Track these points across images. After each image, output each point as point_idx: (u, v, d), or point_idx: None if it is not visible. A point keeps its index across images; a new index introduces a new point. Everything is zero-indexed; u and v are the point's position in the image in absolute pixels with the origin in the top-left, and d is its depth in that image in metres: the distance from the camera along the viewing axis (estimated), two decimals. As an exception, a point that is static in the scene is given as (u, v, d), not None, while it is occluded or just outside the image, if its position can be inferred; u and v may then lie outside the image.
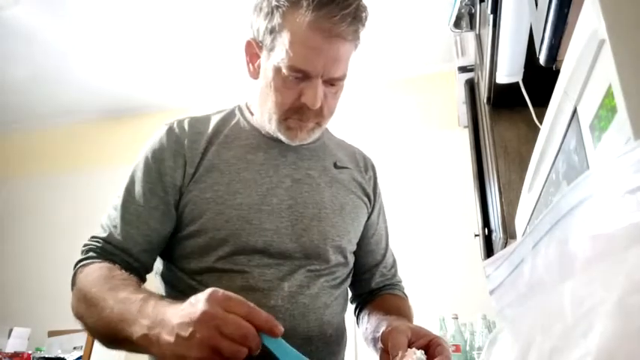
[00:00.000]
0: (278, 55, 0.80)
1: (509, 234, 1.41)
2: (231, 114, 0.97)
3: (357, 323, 1.01)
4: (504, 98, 1.51)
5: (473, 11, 1.90)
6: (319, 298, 0.85)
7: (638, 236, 0.25)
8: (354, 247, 0.97)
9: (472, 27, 1.96)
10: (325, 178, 0.94)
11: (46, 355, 2.86)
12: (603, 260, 0.28)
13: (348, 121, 3.18)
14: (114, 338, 0.67)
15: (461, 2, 1.93)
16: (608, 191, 0.29)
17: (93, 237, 0.86)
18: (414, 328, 0.72)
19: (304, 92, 0.81)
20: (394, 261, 1.08)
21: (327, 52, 0.79)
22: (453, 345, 2.05)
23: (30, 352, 2.87)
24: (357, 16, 0.79)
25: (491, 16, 1.24)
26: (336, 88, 0.86)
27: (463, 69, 2.39)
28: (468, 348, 2.07)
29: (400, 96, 3.22)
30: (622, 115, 0.37)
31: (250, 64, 0.89)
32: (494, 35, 1.25)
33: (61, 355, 2.82)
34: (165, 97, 3.60)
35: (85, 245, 0.86)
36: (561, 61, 0.62)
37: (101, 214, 0.89)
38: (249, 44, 0.88)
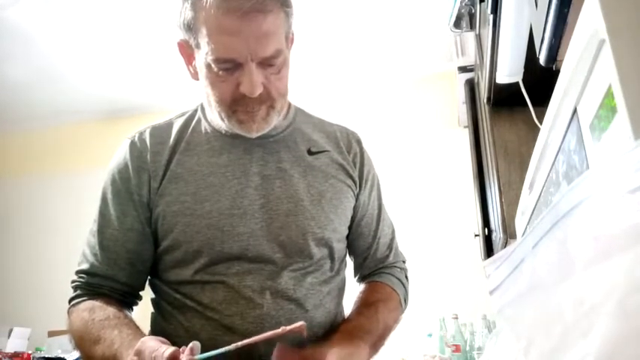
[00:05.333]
0: (203, 50, 0.75)
1: (509, 234, 1.41)
2: (192, 116, 0.92)
3: None
4: (504, 98, 1.51)
5: (473, 11, 1.90)
6: (307, 300, 0.83)
7: (638, 236, 0.25)
8: (341, 235, 0.92)
9: (472, 27, 1.96)
10: (299, 169, 0.88)
11: (46, 355, 2.86)
12: (603, 260, 0.28)
13: (349, 121, 3.17)
14: None
15: (461, 2, 1.93)
16: (608, 191, 0.29)
17: (78, 272, 0.86)
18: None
19: (241, 81, 0.75)
20: (391, 239, 1.01)
21: (246, 33, 0.72)
22: (453, 345, 2.05)
23: (30, 352, 2.87)
24: None
25: (491, 16, 1.24)
26: (276, 67, 0.77)
27: (463, 69, 2.39)
28: (468, 348, 2.07)
29: (400, 96, 3.22)
30: (622, 115, 0.37)
31: (189, 66, 0.84)
32: (494, 35, 1.25)
33: (61, 355, 2.81)
34: (163, 97, 3.60)
35: (72, 282, 0.86)
36: (561, 61, 0.62)
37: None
38: (180, 46, 0.84)
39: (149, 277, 0.90)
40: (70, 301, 0.85)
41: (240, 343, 0.64)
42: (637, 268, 0.24)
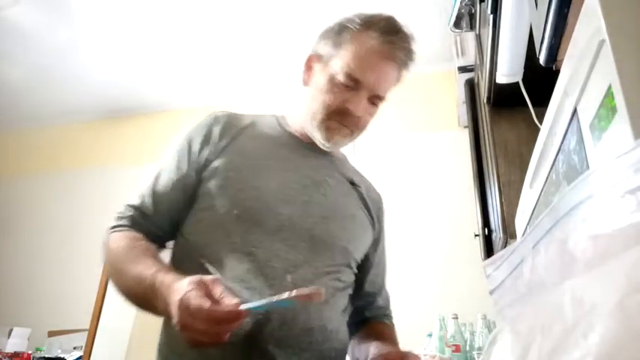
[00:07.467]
0: (337, 64, 0.92)
1: (509, 234, 1.41)
2: (266, 116, 1.06)
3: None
4: (504, 98, 1.51)
5: (473, 11, 1.90)
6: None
7: (638, 236, 0.25)
8: (359, 256, 0.99)
9: (472, 27, 1.96)
10: (341, 189, 1.00)
11: (46, 355, 2.86)
12: (603, 260, 0.28)
13: (348, 121, 3.17)
14: (138, 306, 0.81)
15: (461, 2, 1.93)
16: (608, 191, 0.29)
17: (128, 205, 0.94)
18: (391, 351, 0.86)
19: (350, 100, 0.92)
20: (389, 298, 1.12)
21: (380, 70, 0.92)
22: (453, 345, 2.05)
23: (30, 352, 2.87)
24: (410, 53, 0.95)
25: (491, 16, 1.24)
26: (374, 108, 0.96)
27: (463, 69, 2.39)
28: (467, 348, 2.07)
29: (400, 96, 3.22)
30: (622, 115, 0.37)
31: (305, 74, 1.01)
32: (494, 35, 1.25)
33: (61, 355, 2.82)
34: (163, 97, 3.60)
35: (118, 212, 0.94)
36: (561, 61, 0.62)
37: (100, 214, 0.90)
38: (309, 58, 1.00)
39: (174, 242, 0.95)
40: (113, 227, 0.91)
41: (272, 299, 0.68)
42: (637, 268, 0.24)
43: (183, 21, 2.92)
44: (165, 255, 0.94)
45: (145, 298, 0.76)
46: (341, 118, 0.93)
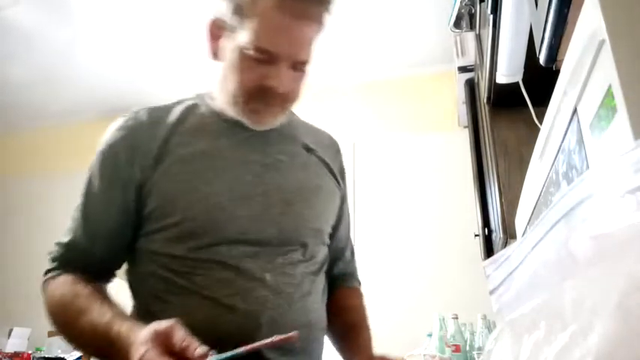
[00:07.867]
0: (244, 35, 0.77)
1: (509, 234, 1.41)
2: (192, 102, 0.93)
3: None
4: (504, 98, 1.51)
5: (473, 11, 1.91)
6: (302, 286, 0.84)
7: (638, 236, 0.25)
8: (330, 227, 0.95)
9: (472, 27, 1.96)
10: (297, 162, 0.91)
11: (46, 355, 2.86)
12: (603, 260, 0.28)
13: (348, 121, 3.17)
14: (95, 357, 0.78)
15: (461, 2, 1.93)
16: (608, 191, 0.29)
17: (58, 243, 0.87)
18: None
19: (269, 75, 0.79)
20: (353, 251, 1.08)
21: (293, 34, 0.78)
22: (453, 345, 2.05)
23: (30, 352, 2.87)
24: (323, 0, 0.79)
25: (491, 16, 1.24)
26: (300, 73, 0.83)
27: (463, 69, 2.39)
28: (467, 348, 2.07)
29: (400, 96, 3.22)
30: (622, 115, 0.37)
31: (211, 44, 0.86)
32: (494, 35, 1.25)
33: (61, 355, 2.82)
34: (163, 97, 3.59)
35: (50, 253, 0.87)
36: (561, 61, 0.62)
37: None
38: (211, 24, 0.84)
39: (135, 257, 0.87)
40: (46, 272, 0.86)
41: (242, 349, 0.63)
42: (637, 268, 0.24)
43: (183, 21, 2.92)
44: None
45: (102, 350, 0.73)
46: (265, 98, 0.81)
